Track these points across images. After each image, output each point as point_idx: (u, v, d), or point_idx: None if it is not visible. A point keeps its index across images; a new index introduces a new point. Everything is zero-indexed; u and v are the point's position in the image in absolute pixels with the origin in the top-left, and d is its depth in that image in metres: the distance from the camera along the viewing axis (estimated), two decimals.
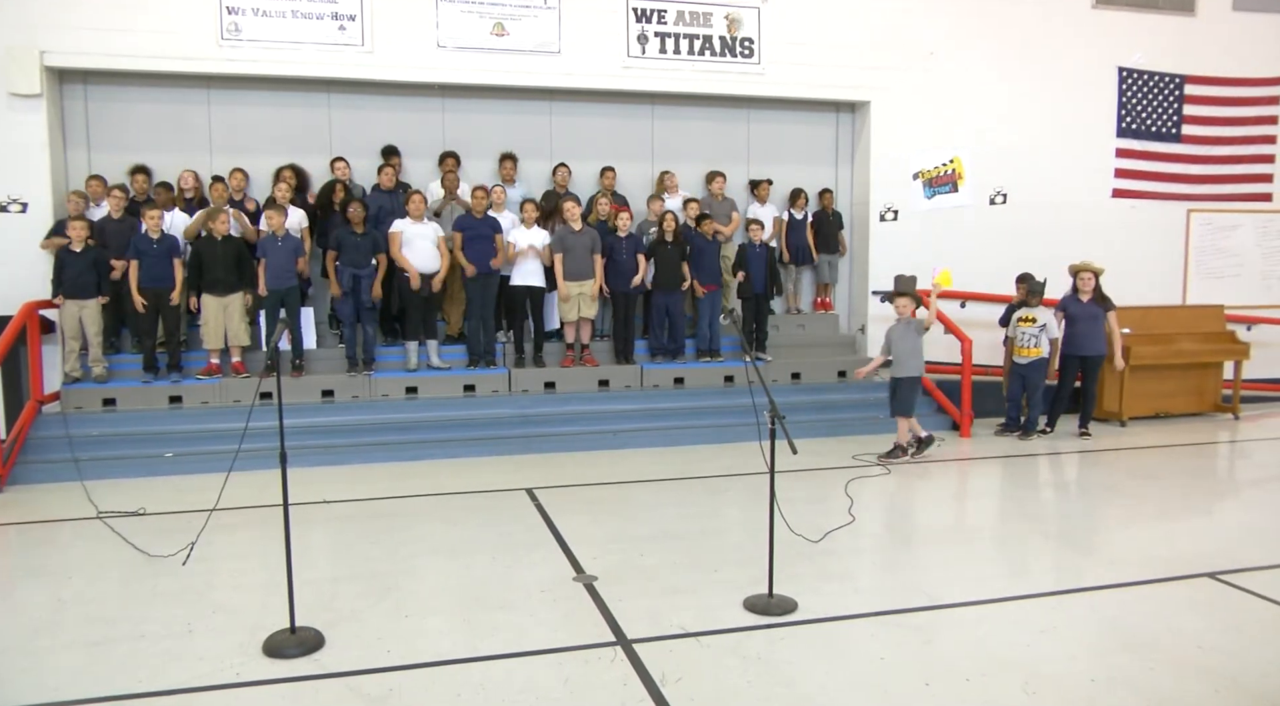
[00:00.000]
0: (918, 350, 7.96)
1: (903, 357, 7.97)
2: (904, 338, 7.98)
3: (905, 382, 7.98)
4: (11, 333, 7.76)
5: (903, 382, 7.99)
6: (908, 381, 7.97)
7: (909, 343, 7.94)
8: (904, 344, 7.96)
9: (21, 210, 8.63)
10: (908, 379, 7.96)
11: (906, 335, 7.96)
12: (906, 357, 7.94)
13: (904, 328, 8.00)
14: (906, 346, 7.93)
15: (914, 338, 7.94)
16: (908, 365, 7.94)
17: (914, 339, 7.94)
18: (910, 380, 7.97)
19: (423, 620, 4.55)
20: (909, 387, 7.98)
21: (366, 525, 6.30)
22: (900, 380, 8.00)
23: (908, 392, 7.98)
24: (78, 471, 7.30)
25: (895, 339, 8.07)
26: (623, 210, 9.45)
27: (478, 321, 9.14)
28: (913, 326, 7.94)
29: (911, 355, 7.93)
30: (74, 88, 9.07)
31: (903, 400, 8.00)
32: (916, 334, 7.94)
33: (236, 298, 8.44)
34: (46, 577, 5.45)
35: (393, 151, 9.61)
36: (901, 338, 8.00)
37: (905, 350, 7.94)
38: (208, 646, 4.24)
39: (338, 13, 9.19)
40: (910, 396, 7.99)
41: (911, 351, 7.93)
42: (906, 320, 7.97)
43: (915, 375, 7.98)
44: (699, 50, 10.06)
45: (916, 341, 7.94)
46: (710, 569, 5.25)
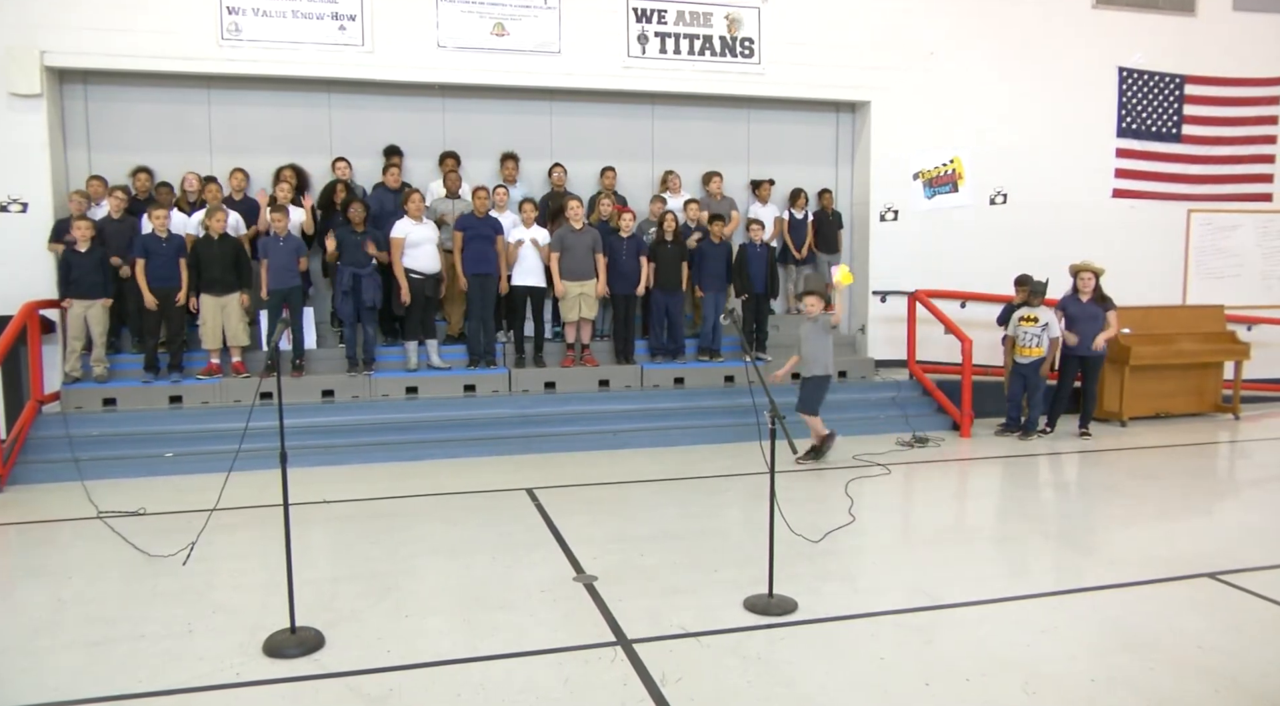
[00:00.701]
0: (826, 349, 7.81)
1: (810, 357, 7.82)
2: (811, 337, 7.81)
3: (811, 382, 7.83)
4: (12, 332, 7.76)
5: (808, 382, 7.84)
6: (813, 381, 7.83)
7: (816, 342, 7.77)
8: (811, 343, 7.79)
9: (22, 210, 8.63)
10: (814, 378, 7.83)
11: (814, 334, 7.79)
12: (814, 357, 7.79)
13: (811, 327, 7.82)
14: (814, 346, 7.77)
15: (822, 337, 7.77)
16: (815, 364, 7.80)
17: (822, 338, 7.77)
18: (817, 379, 7.83)
19: (423, 620, 4.54)
20: (814, 386, 7.82)
21: (366, 525, 6.30)
22: (806, 379, 7.86)
23: (813, 391, 7.82)
24: (78, 471, 7.29)
25: (803, 338, 7.88)
26: (625, 211, 9.44)
27: (478, 321, 9.14)
28: (820, 325, 7.77)
29: (819, 354, 7.78)
30: (74, 88, 9.07)
31: (806, 398, 7.83)
32: (824, 333, 7.77)
33: (234, 297, 8.44)
34: (46, 577, 5.45)
35: (395, 151, 9.61)
36: (809, 337, 7.82)
37: (812, 350, 7.78)
38: (208, 646, 4.24)
39: (338, 13, 9.19)
40: (815, 395, 7.82)
41: (819, 351, 7.77)
42: (814, 319, 7.79)
43: (822, 374, 7.84)
44: (699, 50, 10.07)
45: (824, 340, 7.79)
46: (710, 569, 5.25)
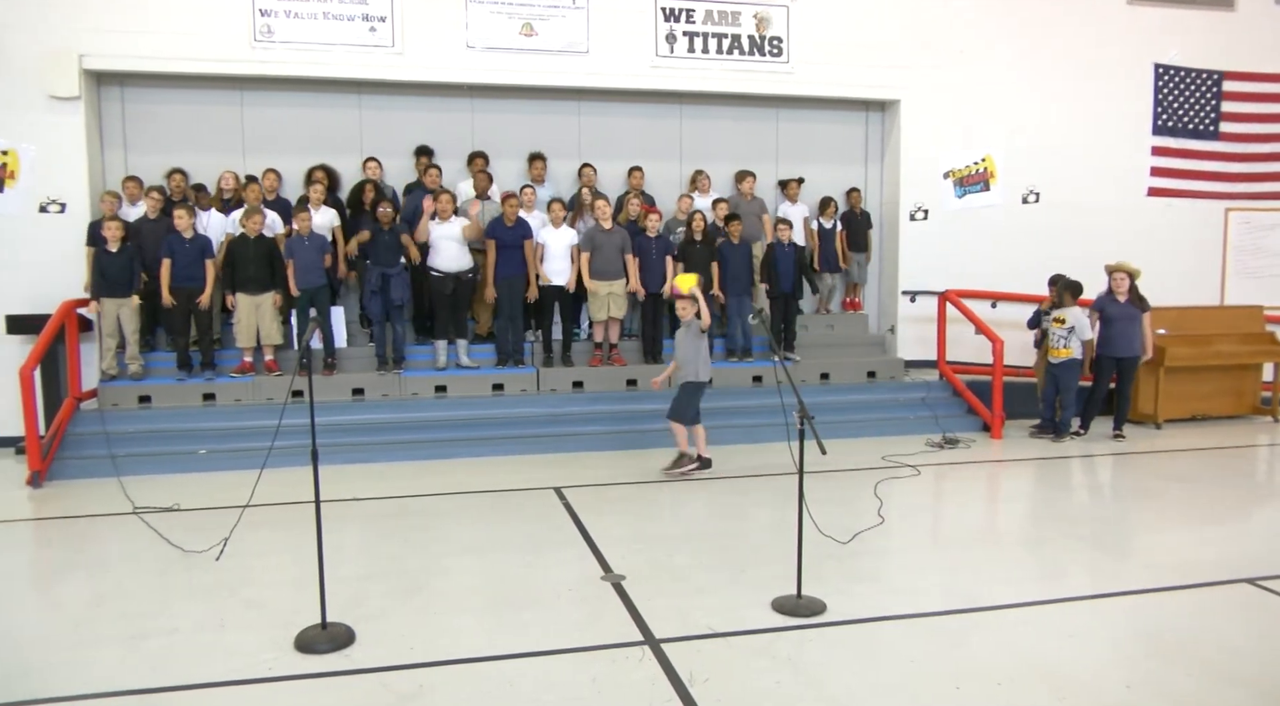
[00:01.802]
0: (699, 354, 7.43)
1: (683, 362, 7.50)
2: (684, 342, 7.51)
3: (684, 387, 7.50)
4: (50, 331, 7.91)
5: (683, 387, 7.51)
6: (685, 387, 7.48)
7: (689, 346, 7.45)
8: (684, 349, 7.50)
9: (60, 211, 8.79)
10: (686, 384, 7.48)
11: (686, 339, 7.48)
12: (687, 362, 7.46)
13: (684, 331, 7.52)
14: (687, 351, 7.46)
15: (694, 341, 7.43)
16: (687, 370, 7.46)
17: (694, 342, 7.43)
18: (690, 385, 7.47)
19: (452, 618, 4.57)
20: (688, 392, 7.48)
21: (396, 523, 6.35)
22: (681, 384, 7.53)
23: (686, 397, 7.47)
24: (114, 467, 7.42)
25: (678, 343, 7.62)
26: (652, 210, 9.45)
27: (506, 321, 9.18)
28: (692, 330, 7.44)
29: (692, 359, 7.43)
30: (111, 90, 9.22)
31: (678, 403, 7.48)
32: (696, 337, 7.43)
33: (268, 297, 8.54)
34: (84, 571, 5.55)
35: (425, 151, 9.68)
36: (682, 342, 7.54)
37: (685, 355, 7.47)
38: (240, 641, 4.29)
39: (368, 14, 9.27)
40: (687, 401, 7.46)
41: (692, 355, 7.43)
42: (687, 323, 7.47)
43: (695, 380, 7.45)
44: (728, 49, 10.05)
45: (697, 344, 7.43)
46: (738, 569, 5.24)
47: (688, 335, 7.45)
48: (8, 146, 8.66)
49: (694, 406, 7.48)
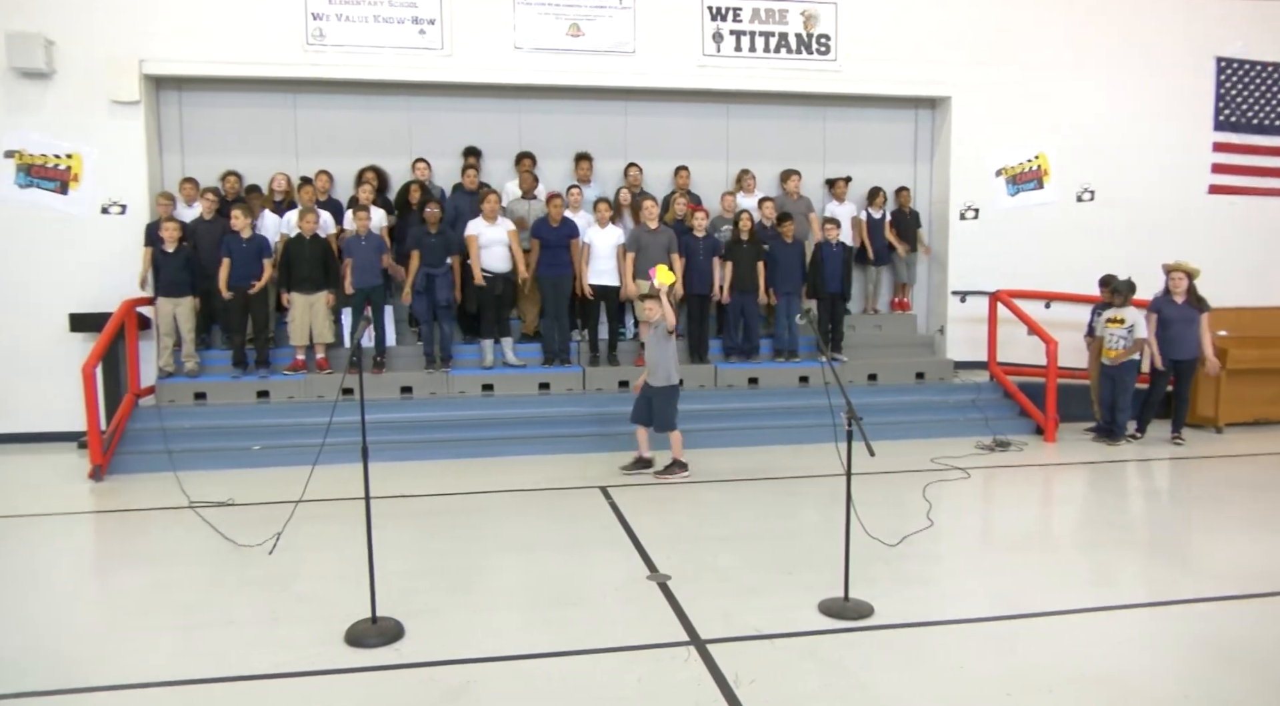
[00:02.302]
0: (667, 356, 7.27)
1: (652, 366, 7.32)
2: (652, 345, 7.35)
3: (659, 393, 7.30)
4: (111, 329, 8.13)
5: (656, 393, 7.31)
6: (660, 391, 7.30)
7: (656, 349, 7.28)
8: (651, 351, 7.34)
9: (121, 212, 9.03)
10: (660, 388, 7.29)
11: (654, 342, 7.31)
12: (656, 366, 7.28)
13: (652, 334, 7.35)
14: (654, 353, 7.29)
15: (661, 343, 7.25)
16: (657, 373, 7.27)
17: (662, 345, 7.25)
18: (663, 390, 7.29)
19: (498, 614, 4.61)
20: (663, 398, 7.30)
21: (444, 520, 6.42)
22: (654, 390, 7.33)
23: (662, 404, 7.30)
24: (171, 462, 7.60)
25: (647, 346, 7.45)
26: (698, 210, 9.43)
27: (552, 320, 9.23)
28: (659, 331, 7.27)
29: (661, 362, 7.25)
30: (169, 94, 9.45)
31: (658, 412, 7.31)
32: (663, 339, 7.25)
33: (321, 296, 8.70)
34: (141, 563, 5.70)
35: (473, 152, 9.77)
36: (650, 345, 7.36)
37: (653, 358, 7.30)
38: (292, 634, 4.37)
39: (418, 17, 9.38)
40: (666, 407, 7.30)
41: (660, 358, 7.25)
42: (654, 325, 7.30)
43: (665, 383, 7.29)
44: (774, 48, 9.99)
45: (664, 347, 7.26)
46: (784, 570, 5.21)
47: (655, 338, 7.30)
48: (72, 150, 8.92)
49: (675, 409, 7.40)
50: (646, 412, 7.46)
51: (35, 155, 8.87)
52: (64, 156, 8.92)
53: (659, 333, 7.30)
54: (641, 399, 7.47)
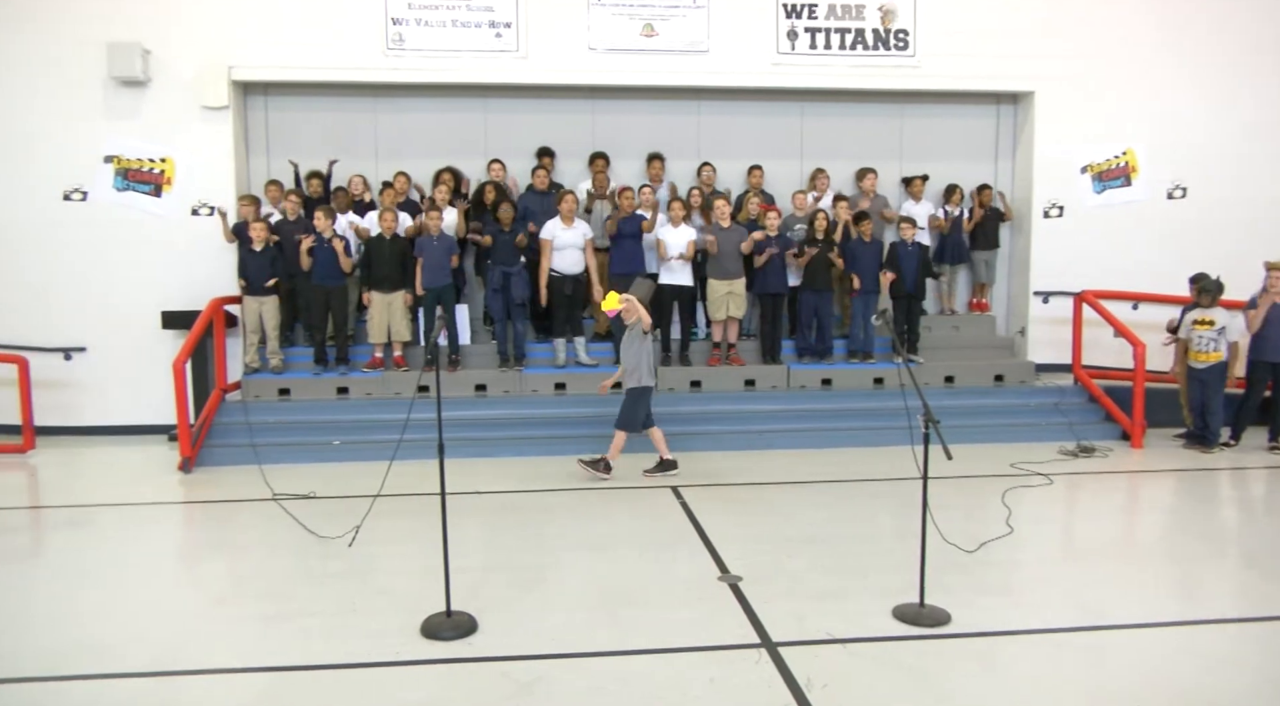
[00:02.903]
0: (642, 358, 7.35)
1: (627, 367, 7.44)
2: (627, 346, 7.46)
3: (629, 393, 7.41)
4: (200, 326, 8.44)
5: (627, 393, 7.43)
6: (631, 391, 7.39)
7: (632, 351, 7.39)
8: (627, 353, 7.45)
9: (210, 213, 9.36)
10: (631, 389, 7.40)
11: (630, 343, 7.42)
12: (630, 367, 7.39)
13: (628, 335, 7.46)
14: (630, 355, 7.41)
15: (637, 345, 7.35)
16: (631, 374, 7.38)
17: (637, 346, 7.35)
18: (634, 390, 7.37)
19: (570, 612, 4.65)
20: (632, 397, 7.39)
21: (517, 516, 6.51)
22: (627, 391, 7.44)
23: (630, 403, 7.39)
24: (255, 455, 7.85)
25: (622, 348, 7.57)
26: (771, 209, 9.37)
27: None
28: (635, 333, 7.36)
29: (635, 363, 7.35)
30: (256, 99, 9.77)
31: (626, 411, 7.40)
32: (638, 340, 7.34)
33: (399, 294, 8.89)
34: (227, 553, 5.92)
35: (547, 152, 9.87)
36: (626, 346, 7.49)
37: (628, 360, 7.42)
38: (370, 625, 4.48)
39: (494, 20, 9.52)
40: (632, 407, 7.37)
41: (635, 360, 7.35)
42: (631, 326, 7.39)
43: (636, 385, 7.36)
44: (850, 45, 9.85)
45: (639, 348, 7.34)
46: (858, 574, 5.14)
47: (631, 339, 7.40)
48: (166, 154, 9.29)
49: (642, 412, 7.43)
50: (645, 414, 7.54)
51: (132, 160, 9.26)
52: (158, 160, 9.30)
53: (635, 334, 7.37)
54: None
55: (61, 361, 9.19)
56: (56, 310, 9.20)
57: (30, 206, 9.13)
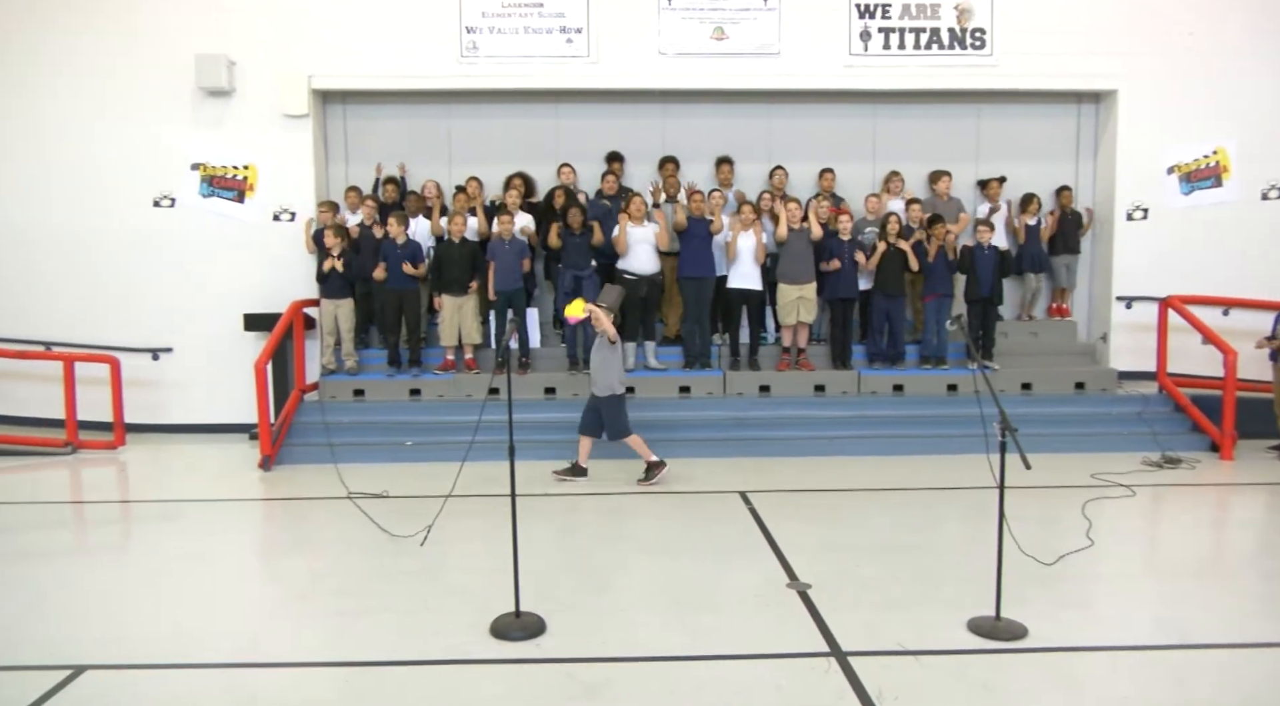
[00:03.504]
0: (609, 367, 7.34)
1: (594, 375, 7.44)
2: (595, 354, 7.45)
3: (604, 403, 7.37)
4: (280, 329, 8.70)
5: (602, 403, 7.38)
6: (605, 401, 7.36)
7: (599, 358, 7.38)
8: (594, 362, 7.46)
9: (290, 219, 9.65)
10: (605, 399, 7.36)
11: (597, 352, 7.42)
12: (598, 375, 7.39)
13: (596, 343, 7.44)
14: (596, 365, 7.41)
15: (604, 354, 7.34)
16: (600, 383, 7.36)
17: (604, 356, 7.34)
18: (608, 400, 7.36)
19: (637, 615, 4.67)
20: (610, 408, 7.36)
21: (585, 519, 6.55)
22: (600, 401, 7.40)
23: (611, 414, 7.36)
24: (331, 455, 8.05)
25: (592, 357, 7.56)
26: (842, 212, 9.26)
27: (694, 323, 9.26)
28: (601, 341, 7.35)
29: (603, 373, 7.35)
30: (335, 107, 10.03)
31: (608, 422, 7.37)
32: (607, 350, 7.33)
33: (470, 298, 9.03)
34: (304, 549, 6.08)
35: (616, 157, 9.92)
36: (594, 355, 7.49)
37: (595, 369, 7.42)
38: (441, 623, 4.56)
39: (565, 26, 9.61)
40: (615, 417, 7.36)
41: (602, 368, 7.35)
42: (600, 334, 7.35)
43: (608, 394, 7.35)
44: (925, 44, 9.69)
45: (606, 357, 7.34)
46: (931, 585, 5.04)
47: (599, 348, 7.42)
48: (249, 161, 9.61)
49: (625, 417, 7.45)
50: (595, 423, 7.50)
51: (217, 167, 9.60)
52: (241, 167, 9.62)
53: (601, 343, 7.40)
54: (589, 410, 7.54)
55: (150, 361, 9.57)
56: (146, 312, 9.58)
57: (124, 213, 9.53)
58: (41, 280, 9.57)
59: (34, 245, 9.55)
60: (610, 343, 7.34)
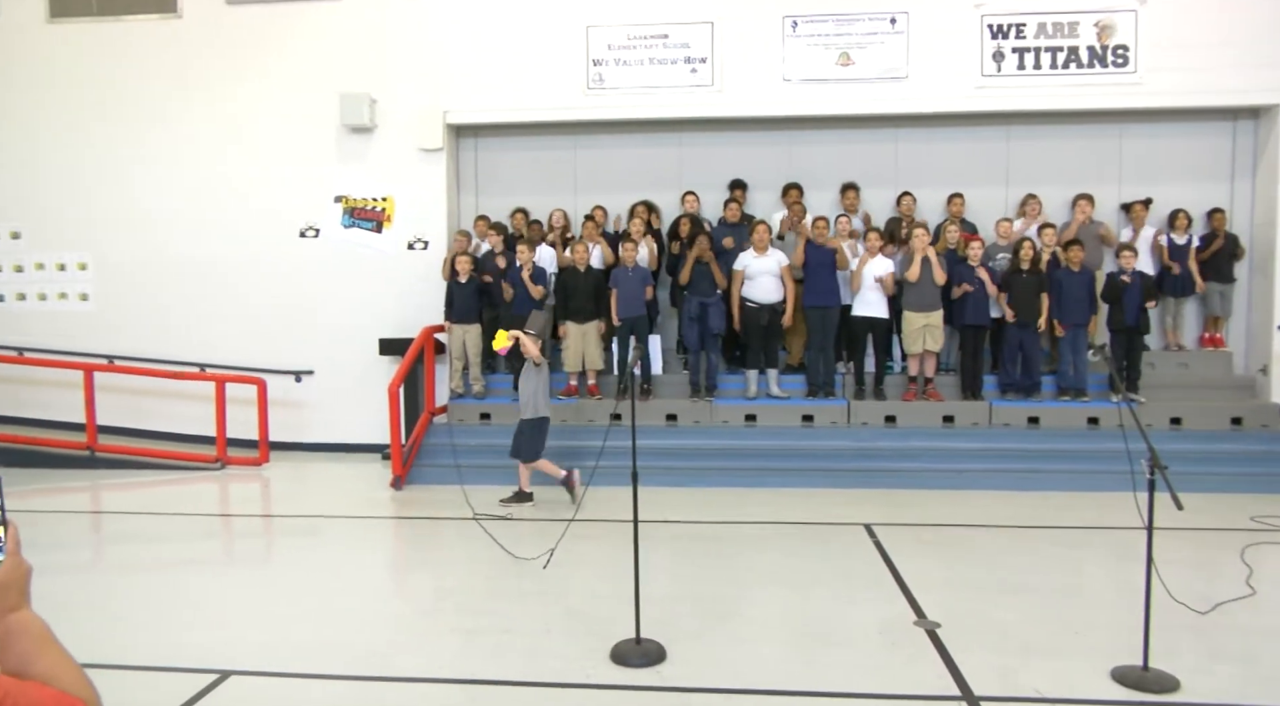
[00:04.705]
0: (536, 390, 7.65)
1: (522, 400, 7.74)
2: (523, 378, 7.77)
3: (527, 424, 7.66)
4: (413, 353, 9.05)
5: (525, 424, 7.66)
6: (529, 423, 7.65)
7: (528, 384, 7.69)
8: (522, 385, 7.77)
9: (424, 248, 10.06)
10: (528, 420, 7.65)
11: (525, 375, 7.74)
12: (525, 400, 7.69)
13: (524, 368, 7.77)
14: (524, 387, 7.73)
15: (530, 377, 7.67)
16: (527, 406, 7.65)
17: (530, 379, 7.66)
18: (531, 421, 7.64)
19: (759, 647, 4.59)
20: (530, 429, 7.65)
21: (706, 547, 6.52)
22: (524, 422, 7.67)
23: (529, 435, 7.64)
24: (459, 476, 8.27)
25: (520, 380, 7.87)
26: (973, 239, 8.98)
27: (818, 352, 9.14)
28: (529, 366, 7.69)
29: (530, 396, 7.66)
30: (467, 141, 10.43)
31: (525, 443, 7.64)
32: (535, 374, 7.66)
33: (594, 325, 9.18)
34: (431, 568, 6.27)
35: (739, 185, 9.94)
36: (522, 379, 7.81)
37: (523, 392, 7.73)
38: (562, 647, 4.61)
39: (690, 56, 9.72)
40: (532, 439, 7.63)
41: (528, 393, 7.66)
42: (527, 360, 7.69)
43: (533, 416, 7.64)
44: (1063, 63, 9.32)
45: (533, 381, 7.65)
46: (1070, 630, 4.77)
47: (526, 372, 7.76)
48: (387, 193, 10.09)
49: (540, 443, 7.69)
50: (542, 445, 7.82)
51: (357, 199, 10.12)
52: (380, 199, 10.10)
53: (528, 368, 7.73)
54: (518, 433, 7.78)
55: (292, 383, 10.10)
56: (290, 336, 10.15)
57: (273, 243, 10.15)
58: (197, 306, 10.27)
59: (191, 274, 10.25)
60: (535, 366, 7.70)
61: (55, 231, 10.47)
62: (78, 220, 10.42)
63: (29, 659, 1.34)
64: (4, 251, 10.58)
